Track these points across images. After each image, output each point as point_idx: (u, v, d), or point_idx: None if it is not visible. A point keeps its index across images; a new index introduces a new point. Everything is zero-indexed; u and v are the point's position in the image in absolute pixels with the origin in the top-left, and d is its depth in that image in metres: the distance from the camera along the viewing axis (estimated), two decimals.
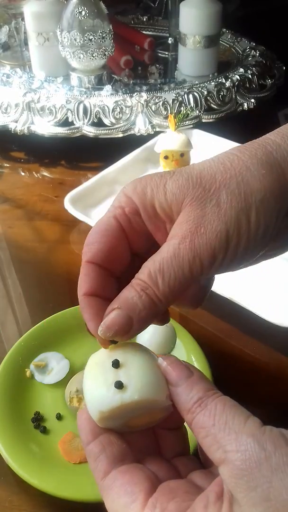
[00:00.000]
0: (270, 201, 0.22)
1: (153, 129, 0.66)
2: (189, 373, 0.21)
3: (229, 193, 0.22)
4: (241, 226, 0.22)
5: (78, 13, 0.68)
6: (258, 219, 0.22)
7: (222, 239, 0.21)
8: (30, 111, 0.67)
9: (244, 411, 0.20)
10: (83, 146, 0.68)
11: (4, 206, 0.61)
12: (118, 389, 0.21)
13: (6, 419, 0.35)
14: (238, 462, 0.18)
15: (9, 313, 0.48)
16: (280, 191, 0.22)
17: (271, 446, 0.18)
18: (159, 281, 0.21)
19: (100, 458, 0.21)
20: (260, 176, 0.22)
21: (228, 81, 0.71)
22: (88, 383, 0.22)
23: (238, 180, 0.22)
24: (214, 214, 0.21)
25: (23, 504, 0.33)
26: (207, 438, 0.19)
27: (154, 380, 0.21)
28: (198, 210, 0.22)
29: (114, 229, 0.23)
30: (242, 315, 0.43)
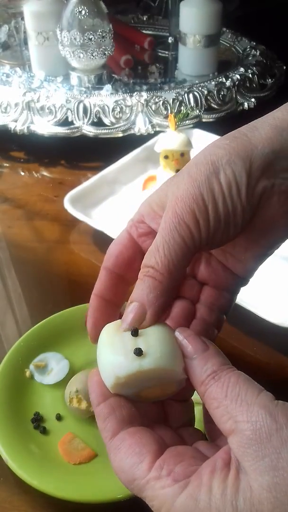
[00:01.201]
0: (236, 161, 0.23)
1: (153, 129, 0.66)
2: (205, 347, 0.22)
3: (198, 164, 0.23)
4: (213, 188, 0.23)
5: (78, 12, 0.68)
6: (228, 179, 0.23)
7: (199, 201, 0.22)
8: (29, 111, 0.67)
9: (257, 385, 0.20)
10: (83, 146, 0.68)
11: (3, 206, 0.61)
12: (137, 356, 0.21)
13: (6, 420, 0.35)
14: (248, 432, 0.18)
15: (9, 313, 0.48)
16: (246, 153, 0.23)
17: (283, 418, 0.18)
18: (156, 257, 0.23)
19: (109, 418, 0.21)
20: (225, 145, 0.23)
21: (228, 81, 0.71)
22: (105, 349, 0.22)
23: (205, 154, 0.24)
24: (187, 183, 0.23)
25: (23, 504, 0.33)
26: (218, 409, 0.19)
27: (172, 351, 0.21)
28: (175, 187, 0.23)
29: (124, 238, 0.26)
30: (242, 315, 0.43)
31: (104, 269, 0.26)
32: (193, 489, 0.18)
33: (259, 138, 0.23)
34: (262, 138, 0.23)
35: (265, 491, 0.17)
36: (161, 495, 0.19)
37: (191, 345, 0.22)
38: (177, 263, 0.22)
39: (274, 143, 0.23)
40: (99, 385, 0.22)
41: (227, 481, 0.18)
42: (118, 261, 0.26)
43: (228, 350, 0.43)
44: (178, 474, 0.19)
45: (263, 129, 0.24)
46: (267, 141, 0.23)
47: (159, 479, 0.19)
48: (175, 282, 0.23)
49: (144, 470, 0.20)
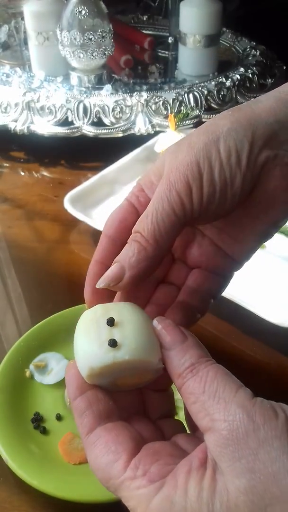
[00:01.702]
0: (238, 130, 0.22)
1: (153, 129, 0.66)
2: (184, 337, 0.21)
3: (199, 134, 0.23)
4: (211, 155, 0.22)
5: (78, 12, 0.68)
6: (228, 146, 0.22)
7: (193, 169, 0.22)
8: (29, 111, 0.67)
9: (235, 381, 0.19)
10: (83, 146, 0.68)
11: (3, 206, 0.61)
12: (111, 347, 0.20)
13: (6, 420, 0.35)
14: (224, 432, 0.18)
15: (9, 313, 0.48)
16: (249, 122, 0.22)
17: (260, 418, 0.18)
18: (144, 224, 0.22)
19: (86, 414, 0.21)
20: (227, 115, 0.23)
21: (228, 81, 0.71)
22: (80, 338, 0.22)
23: (207, 124, 0.23)
24: (185, 151, 0.22)
25: (23, 504, 0.33)
26: (195, 405, 0.19)
27: (148, 342, 0.21)
28: (173, 156, 0.23)
29: (124, 207, 0.25)
30: (242, 315, 0.43)
31: (106, 236, 0.25)
32: (168, 491, 0.18)
33: (263, 108, 0.23)
34: (266, 108, 0.23)
35: (242, 494, 0.17)
36: (136, 495, 0.19)
37: (169, 335, 0.21)
38: (164, 232, 0.22)
39: (279, 113, 0.22)
40: (76, 378, 0.22)
41: (203, 483, 0.18)
42: (120, 228, 0.25)
43: (228, 350, 0.44)
44: (153, 474, 0.19)
45: (268, 100, 0.23)
46: (272, 111, 0.22)
47: (134, 479, 0.19)
48: (159, 251, 0.22)
49: (120, 469, 0.19)
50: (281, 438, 0.17)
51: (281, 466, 0.17)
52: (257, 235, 0.25)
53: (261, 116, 0.22)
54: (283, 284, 0.47)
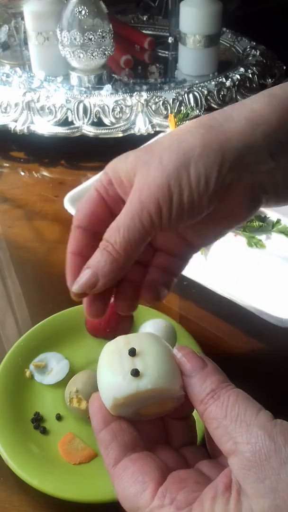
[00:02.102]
0: (209, 155, 0.23)
1: (153, 129, 0.66)
2: (203, 364, 0.22)
3: (171, 152, 0.24)
4: (182, 179, 0.23)
5: (78, 12, 0.68)
6: (198, 171, 0.23)
7: (164, 191, 0.23)
8: (29, 111, 0.67)
9: (256, 404, 0.20)
10: (83, 146, 0.68)
11: (3, 206, 0.61)
12: (134, 377, 0.21)
13: (6, 420, 0.35)
14: (248, 454, 0.18)
15: (9, 313, 0.48)
16: (219, 146, 0.23)
17: (282, 439, 0.18)
18: (116, 237, 0.24)
19: (111, 445, 0.21)
20: (199, 135, 0.24)
21: (228, 81, 0.71)
22: (104, 369, 0.22)
23: (180, 141, 0.24)
24: (157, 170, 0.24)
25: (23, 504, 0.33)
26: (218, 429, 0.19)
27: (169, 370, 0.21)
28: (145, 171, 0.24)
29: (95, 198, 0.27)
30: (242, 315, 0.43)
31: (78, 228, 0.27)
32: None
33: (234, 130, 0.24)
34: (237, 131, 0.24)
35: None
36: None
37: (189, 363, 0.22)
38: (135, 245, 0.24)
39: (248, 137, 0.24)
40: (100, 410, 0.22)
41: (228, 506, 0.18)
42: (91, 219, 0.26)
43: (228, 350, 0.44)
44: (180, 502, 0.19)
45: (239, 121, 0.24)
46: (242, 134, 0.24)
47: (162, 507, 0.19)
48: (130, 261, 0.25)
49: (147, 499, 0.20)
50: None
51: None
52: (217, 234, 0.28)
53: (231, 141, 0.24)
54: (283, 284, 0.47)
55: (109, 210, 0.27)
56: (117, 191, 0.26)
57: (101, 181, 0.27)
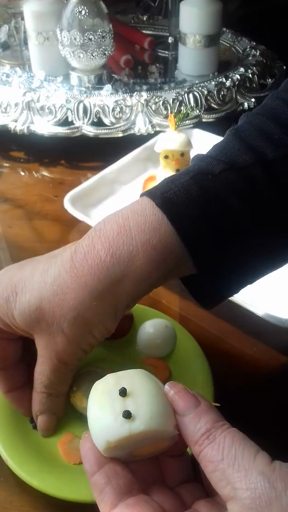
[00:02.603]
0: (107, 319, 0.27)
1: (153, 129, 0.66)
2: (197, 402, 0.21)
3: (70, 323, 0.26)
4: (89, 340, 0.28)
5: (78, 12, 0.68)
6: (101, 332, 0.28)
7: (77, 351, 0.28)
8: (29, 111, 0.67)
9: (253, 446, 0.19)
10: (83, 146, 0.68)
11: (3, 206, 0.61)
12: (126, 419, 0.20)
13: (6, 420, 0.35)
14: (247, 501, 0.18)
15: None
16: (115, 310, 0.27)
17: (282, 484, 0.18)
18: (43, 382, 0.29)
19: (106, 490, 0.21)
20: (94, 307, 0.26)
21: (228, 81, 0.71)
22: (94, 411, 0.21)
23: (74, 314, 0.26)
24: (64, 341, 0.27)
25: (24, 504, 0.33)
26: (215, 473, 0.19)
27: (162, 410, 0.21)
28: (51, 338, 0.27)
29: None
30: (242, 315, 0.43)
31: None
32: None
33: (123, 293, 0.27)
34: (125, 292, 0.27)
35: None
36: None
37: (182, 401, 0.21)
38: (63, 377, 0.29)
39: (135, 294, 0.27)
40: (93, 452, 0.22)
41: None
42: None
43: (228, 350, 0.44)
44: None
45: (127, 284, 0.26)
46: (130, 295, 0.27)
47: None
48: (65, 388, 0.30)
49: None
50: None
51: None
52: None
53: (122, 302, 0.27)
54: (283, 284, 0.47)
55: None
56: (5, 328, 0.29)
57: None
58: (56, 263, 0.28)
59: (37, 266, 0.28)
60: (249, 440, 0.20)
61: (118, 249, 0.26)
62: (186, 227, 0.25)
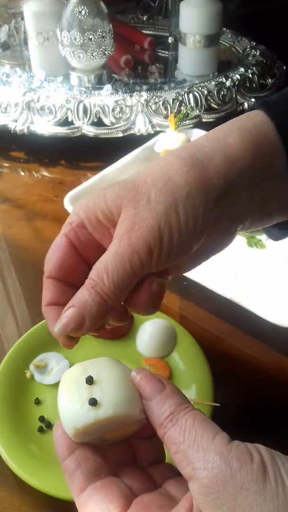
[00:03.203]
0: (195, 195, 0.24)
1: (153, 129, 0.66)
2: (162, 387, 0.22)
3: (158, 190, 0.24)
4: (171, 220, 0.24)
5: (78, 12, 0.68)
6: (186, 212, 0.24)
7: (155, 233, 0.23)
8: (29, 111, 0.67)
9: (212, 427, 0.20)
10: (83, 146, 0.68)
11: (3, 206, 0.61)
12: (92, 406, 0.21)
13: (6, 420, 0.35)
14: (205, 480, 0.18)
15: (9, 313, 0.48)
16: (204, 186, 0.24)
17: (237, 464, 0.18)
18: (105, 279, 0.23)
19: (75, 474, 0.21)
20: (184, 173, 0.24)
21: (228, 81, 0.71)
22: (62, 399, 0.22)
23: (165, 179, 0.24)
24: (146, 211, 0.24)
25: (23, 504, 0.33)
26: (177, 454, 0.20)
27: (128, 396, 0.21)
28: (132, 209, 0.24)
29: (64, 245, 0.26)
30: (242, 315, 0.43)
31: (49, 279, 0.26)
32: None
33: (214, 170, 0.25)
34: (216, 170, 0.25)
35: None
36: None
37: (147, 386, 0.22)
38: (124, 288, 0.24)
39: (227, 175, 0.25)
40: (64, 438, 0.22)
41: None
42: (62, 270, 0.26)
43: (228, 350, 0.44)
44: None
45: (218, 160, 0.25)
46: (221, 173, 0.25)
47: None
48: (119, 302, 0.24)
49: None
50: (256, 482, 0.18)
51: (259, 509, 0.17)
52: (195, 265, 0.28)
53: (213, 181, 0.24)
54: (283, 284, 0.47)
55: (81, 258, 0.26)
56: (91, 234, 0.25)
57: (71, 225, 0.26)
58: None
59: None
60: (210, 422, 0.20)
61: (213, 132, 0.26)
62: (282, 119, 0.26)
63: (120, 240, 0.23)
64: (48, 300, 0.26)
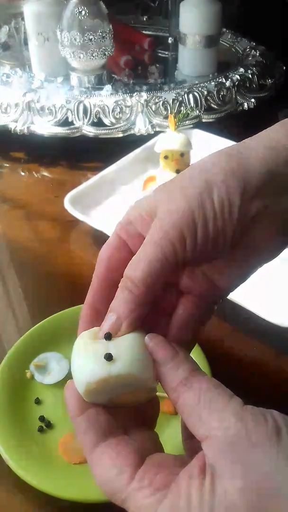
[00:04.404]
0: (231, 180, 0.22)
1: (153, 129, 0.66)
2: (175, 353, 0.22)
3: (192, 179, 0.23)
4: (205, 206, 0.22)
5: (78, 13, 0.68)
6: (221, 197, 0.22)
7: (188, 219, 0.22)
8: (30, 111, 0.67)
9: (227, 391, 0.20)
10: (83, 146, 0.68)
11: (4, 206, 0.61)
12: (107, 361, 0.21)
13: (6, 420, 0.35)
14: (221, 439, 0.19)
15: (9, 313, 0.48)
16: (241, 172, 0.23)
17: (252, 424, 0.19)
18: (136, 270, 0.22)
19: (88, 431, 0.22)
20: (221, 162, 0.23)
21: (228, 81, 0.71)
22: (78, 355, 0.22)
23: (201, 169, 0.23)
24: (179, 197, 0.23)
25: (23, 504, 0.33)
26: (192, 416, 0.20)
27: (142, 358, 0.22)
28: (167, 200, 0.23)
29: (115, 242, 0.25)
30: (242, 315, 0.43)
31: (96, 277, 0.25)
32: (173, 498, 0.19)
33: (256, 157, 0.23)
34: (258, 157, 0.23)
35: (239, 494, 0.18)
36: (143, 505, 0.20)
37: (161, 351, 0.22)
38: (156, 278, 0.22)
39: (270, 163, 0.23)
40: (75, 397, 0.22)
41: (203, 488, 0.19)
42: (110, 265, 0.25)
43: (228, 350, 0.44)
44: (158, 484, 0.20)
45: (259, 149, 0.23)
46: (263, 161, 0.23)
47: (140, 489, 0.20)
48: (151, 296, 0.23)
49: (125, 482, 0.20)
50: (271, 440, 0.18)
51: (272, 466, 0.18)
52: (244, 273, 0.26)
53: (254, 167, 0.23)
54: (283, 284, 0.48)
55: (131, 252, 0.25)
56: (138, 229, 0.25)
57: (121, 223, 0.25)
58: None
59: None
60: (224, 387, 0.21)
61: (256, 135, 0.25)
62: None
63: (153, 229, 0.23)
64: (89, 300, 0.25)
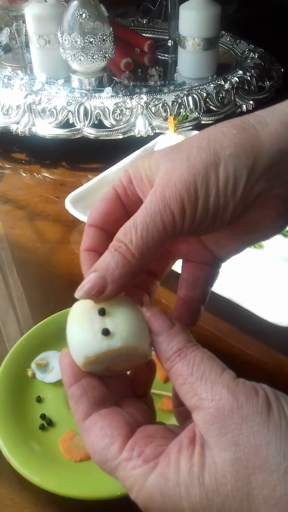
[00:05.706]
0: (240, 156, 0.22)
1: (153, 131, 0.66)
2: (171, 324, 0.22)
3: (200, 149, 0.22)
4: (210, 179, 0.21)
5: (78, 15, 0.68)
6: (227, 172, 0.21)
7: (190, 190, 0.21)
8: (31, 113, 0.67)
9: (220, 363, 0.21)
10: (84, 148, 0.68)
11: (5, 207, 0.62)
12: (104, 336, 0.21)
13: (8, 418, 0.36)
14: (212, 410, 0.19)
15: (11, 312, 0.48)
16: (252, 148, 0.22)
17: (243, 396, 0.19)
18: (132, 235, 0.22)
19: (81, 400, 0.22)
20: (231, 135, 0.22)
21: (227, 83, 0.72)
22: (74, 328, 0.22)
23: (210, 139, 0.22)
24: (184, 167, 0.22)
25: (25, 502, 0.33)
26: (184, 386, 0.20)
27: (138, 329, 0.22)
28: (171, 165, 0.22)
29: (111, 196, 0.25)
30: (242, 315, 0.43)
31: (91, 226, 0.25)
32: (162, 469, 0.19)
33: (268, 133, 0.22)
34: (271, 134, 0.22)
35: (228, 466, 0.18)
36: (132, 475, 0.20)
37: (157, 322, 0.22)
38: (152, 247, 0.22)
39: (282, 142, 0.22)
40: (71, 366, 0.23)
41: (193, 458, 0.19)
42: (106, 219, 0.25)
43: (227, 350, 0.44)
44: (148, 455, 0.20)
45: (273, 124, 0.22)
46: (276, 138, 0.22)
47: (130, 460, 0.20)
48: (144, 265, 0.22)
49: (116, 452, 0.20)
50: (261, 413, 0.19)
51: (262, 438, 0.18)
52: (238, 247, 0.26)
53: (265, 144, 0.22)
54: (282, 284, 0.48)
55: (126, 211, 0.25)
56: (136, 191, 0.24)
57: (120, 180, 0.25)
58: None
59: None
60: (217, 359, 0.21)
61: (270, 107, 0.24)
62: None
63: (152, 195, 0.22)
64: (87, 245, 0.24)
